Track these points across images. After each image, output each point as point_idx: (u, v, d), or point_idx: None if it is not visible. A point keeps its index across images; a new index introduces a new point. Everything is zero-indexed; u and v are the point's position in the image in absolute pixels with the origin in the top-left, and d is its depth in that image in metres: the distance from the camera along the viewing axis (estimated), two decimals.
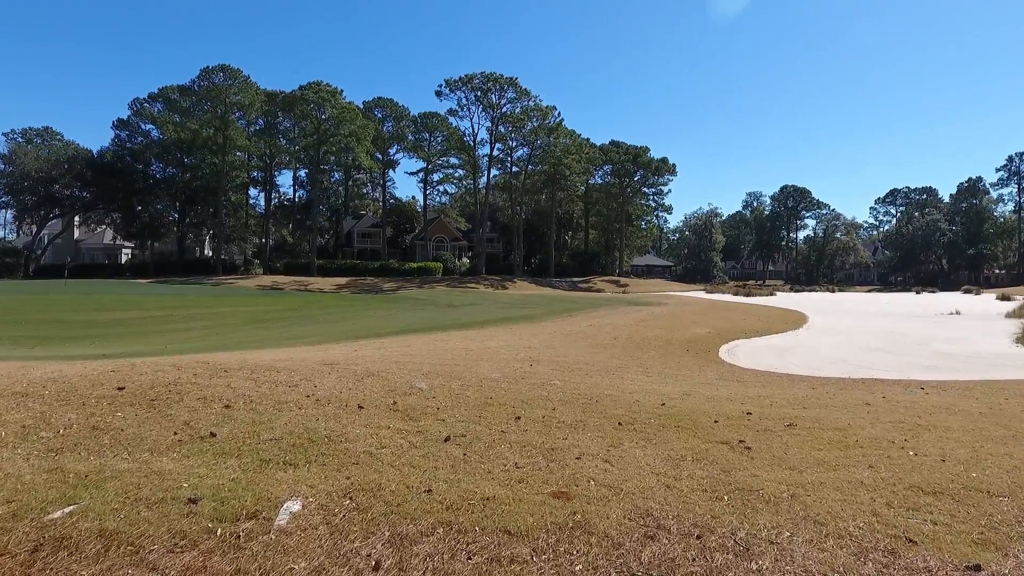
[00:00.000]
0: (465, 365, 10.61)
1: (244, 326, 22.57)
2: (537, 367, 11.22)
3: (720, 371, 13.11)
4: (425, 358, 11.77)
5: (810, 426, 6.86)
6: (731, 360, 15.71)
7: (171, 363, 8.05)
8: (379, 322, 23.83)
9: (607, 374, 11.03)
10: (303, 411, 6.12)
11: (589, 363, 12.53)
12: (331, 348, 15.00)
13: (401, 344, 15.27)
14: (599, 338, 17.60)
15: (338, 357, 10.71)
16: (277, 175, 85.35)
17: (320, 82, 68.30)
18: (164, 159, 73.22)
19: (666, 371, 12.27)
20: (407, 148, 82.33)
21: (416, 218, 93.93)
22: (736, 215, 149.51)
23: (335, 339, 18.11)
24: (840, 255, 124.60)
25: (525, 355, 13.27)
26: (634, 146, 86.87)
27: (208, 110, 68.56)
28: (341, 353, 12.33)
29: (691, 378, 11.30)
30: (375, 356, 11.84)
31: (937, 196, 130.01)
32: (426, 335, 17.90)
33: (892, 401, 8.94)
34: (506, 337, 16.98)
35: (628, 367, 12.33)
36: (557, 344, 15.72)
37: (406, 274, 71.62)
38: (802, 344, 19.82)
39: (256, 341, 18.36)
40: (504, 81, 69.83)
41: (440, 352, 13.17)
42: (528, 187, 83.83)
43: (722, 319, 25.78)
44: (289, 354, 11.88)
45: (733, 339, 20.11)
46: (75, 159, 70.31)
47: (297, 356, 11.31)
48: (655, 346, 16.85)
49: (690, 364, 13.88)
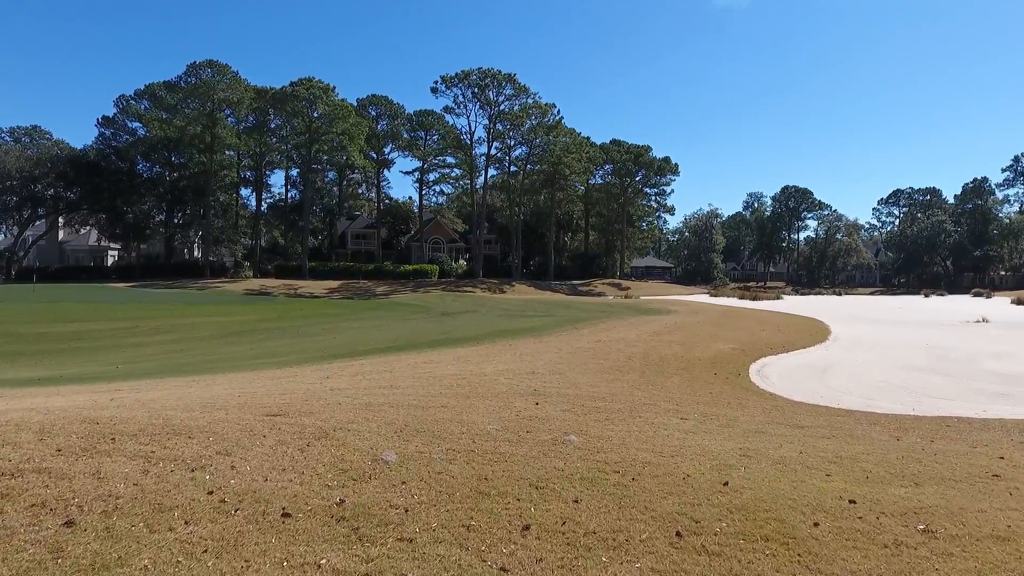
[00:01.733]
0: (454, 408, 8.41)
1: (213, 339, 20.33)
2: (545, 407, 9.02)
3: (763, 405, 10.93)
4: (406, 394, 9.57)
5: (955, 532, 4.65)
6: (767, 386, 13.55)
7: (37, 424, 5.80)
8: (364, 335, 21.59)
9: (633, 416, 8.82)
10: (189, 529, 3.90)
11: (607, 396, 10.34)
12: (299, 374, 12.79)
13: (382, 369, 13.05)
14: (612, 358, 15.40)
15: (291, 400, 8.48)
16: (269, 175, 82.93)
17: (312, 78, 65.96)
18: (151, 158, 70.73)
19: (702, 407, 10.07)
20: (402, 147, 79.90)
21: (412, 219, 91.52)
22: (736, 216, 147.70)
23: (309, 358, 15.89)
24: (842, 256, 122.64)
25: (528, 385, 11.08)
26: (635, 145, 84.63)
27: (195, 107, 66.11)
28: (303, 388, 10.12)
29: (737, 421, 9.09)
30: (344, 392, 9.63)
31: (941, 197, 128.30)
32: (414, 354, 15.68)
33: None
34: (506, 358, 14.77)
35: (655, 402, 10.12)
36: (565, 367, 13.51)
37: (401, 277, 69.33)
38: (837, 362, 17.66)
39: (218, 360, 16.14)
40: (502, 77, 67.56)
41: (426, 383, 10.97)
42: (527, 187, 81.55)
43: (740, 330, 23.60)
44: (237, 392, 9.66)
45: (759, 356, 17.94)
46: (58, 158, 67.79)
47: (245, 395, 9.09)
48: (677, 368, 14.65)
49: (725, 395, 11.68)
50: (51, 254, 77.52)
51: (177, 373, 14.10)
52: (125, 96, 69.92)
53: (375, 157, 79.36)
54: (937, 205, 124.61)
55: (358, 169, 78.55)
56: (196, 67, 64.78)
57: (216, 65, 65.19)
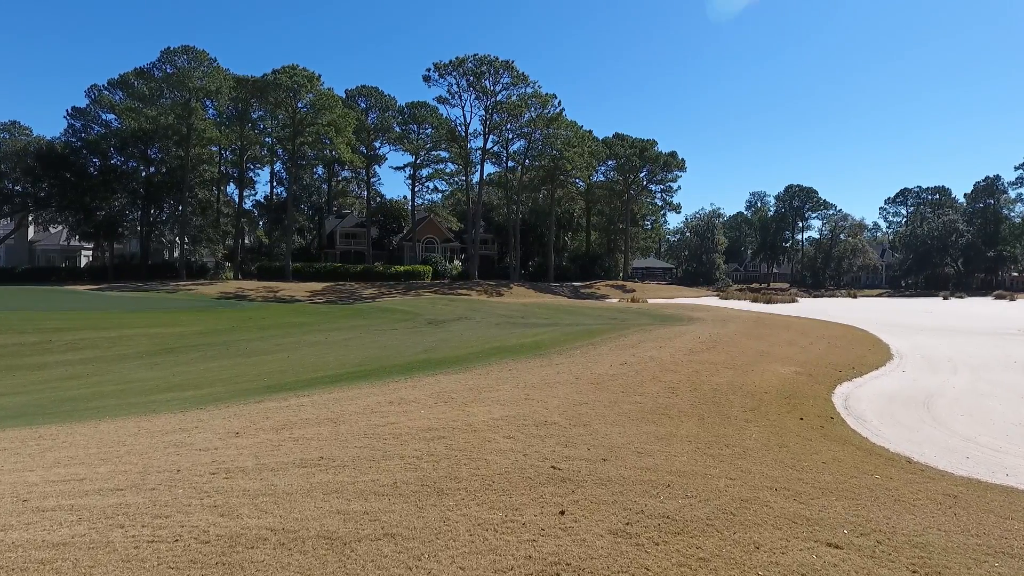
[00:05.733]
0: (408, 536, 4.32)
1: (133, 359, 16.13)
2: (579, 519, 4.93)
3: (903, 477, 6.87)
4: (334, 487, 5.46)
5: None
6: (877, 437, 9.50)
7: None
8: (325, 353, 17.38)
9: (738, 543, 4.70)
10: None
11: (670, 478, 6.23)
12: (200, 423, 8.71)
13: (324, 416, 8.90)
14: (648, 389, 11.29)
15: (83, 530, 4.35)
16: (254, 171, 78.31)
17: (296, 66, 61.52)
18: (124, 152, 66.11)
19: (834, 499, 5.94)
20: (392, 140, 75.27)
21: (404, 217, 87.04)
22: (738, 216, 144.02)
23: (237, 390, 11.71)
24: (848, 257, 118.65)
25: (541, 453, 7.02)
26: (640, 139, 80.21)
27: (169, 96, 61.63)
28: (169, 462, 6.03)
29: (926, 544, 4.97)
30: (226, 484, 5.53)
31: (950, 195, 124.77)
32: (379, 386, 11.52)
33: None
34: (504, 393, 10.63)
35: (755, 491, 5.98)
36: (590, 411, 9.40)
37: (391, 278, 65.05)
38: (931, 391, 13.61)
39: (116, 392, 11.96)
40: (499, 64, 63.23)
41: (379, 451, 6.88)
42: (525, 184, 77.18)
43: (788, 345, 19.51)
44: (24, 487, 5.56)
45: (832, 383, 13.86)
46: (24, 152, 63.20)
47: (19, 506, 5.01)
48: (742, 406, 10.55)
49: (840, 461, 7.57)
50: (20, 254, 72.92)
51: (39, 417, 9.96)
52: (97, 86, 65.45)
53: (365, 152, 75.01)
54: (947, 204, 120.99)
55: (347, 164, 74.13)
56: (170, 53, 60.25)
57: (192, 51, 60.68)
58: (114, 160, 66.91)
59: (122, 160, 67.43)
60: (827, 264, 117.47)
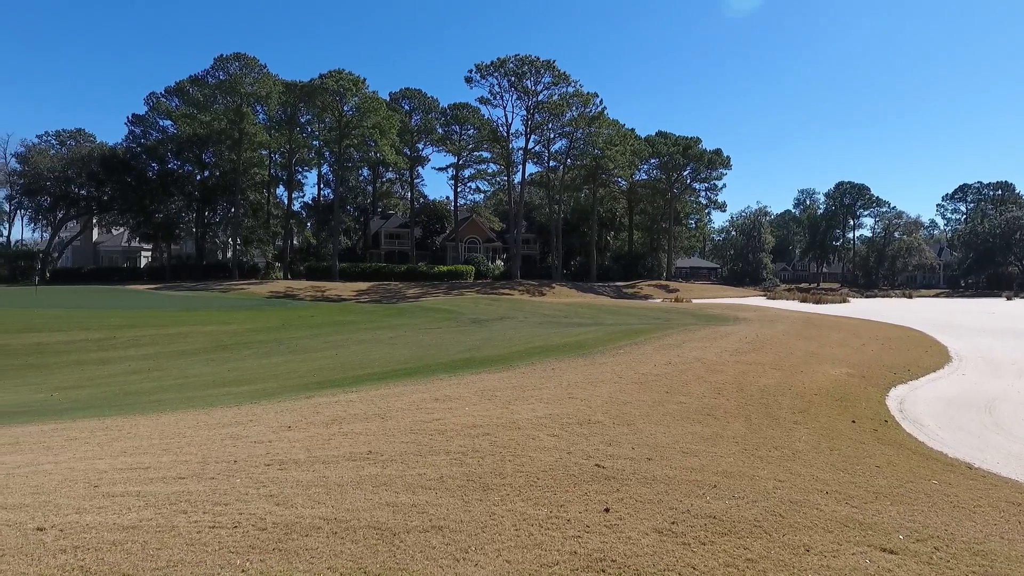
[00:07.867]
0: (454, 530, 4.41)
1: (191, 356, 16.83)
2: (623, 517, 4.94)
3: (964, 483, 6.61)
4: (382, 480, 5.60)
5: None
6: (935, 442, 9.17)
7: None
8: (371, 351, 17.76)
9: (787, 545, 4.63)
10: None
11: (716, 477, 6.17)
12: (255, 417, 9.02)
13: (371, 412, 9.12)
14: (693, 390, 11.16)
15: (141, 518, 4.59)
16: (302, 173, 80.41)
17: (342, 70, 62.93)
18: (180, 156, 68.92)
19: (888, 504, 5.78)
20: (435, 141, 76.16)
21: (447, 218, 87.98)
22: (786, 214, 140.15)
23: (289, 386, 12.10)
24: (903, 256, 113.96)
25: (585, 451, 7.04)
26: (683, 137, 78.96)
27: (222, 102, 63.89)
28: (227, 453, 6.26)
29: (960, 534, 4.80)
30: (280, 476, 5.73)
31: (1014, 191, 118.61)
32: (424, 384, 11.72)
33: None
34: (548, 392, 10.68)
35: (805, 494, 5.87)
36: (634, 410, 9.37)
37: (434, 278, 65.81)
38: (995, 395, 13.06)
39: (175, 387, 12.52)
40: (540, 64, 63.24)
41: (425, 447, 7.01)
42: (567, 183, 76.91)
43: (839, 346, 18.95)
44: (82, 477, 5.85)
45: (887, 385, 13.43)
46: (88, 158, 66.55)
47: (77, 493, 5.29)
48: (791, 408, 10.34)
49: (895, 466, 7.35)
50: (86, 255, 76.75)
51: (106, 409, 10.52)
52: (155, 94, 68.37)
53: (408, 153, 76.11)
54: (1011, 200, 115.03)
55: (391, 166, 75.38)
56: (223, 60, 62.50)
57: (243, 58, 62.79)
58: (171, 164, 69.72)
59: (178, 164, 70.20)
60: (880, 263, 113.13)
